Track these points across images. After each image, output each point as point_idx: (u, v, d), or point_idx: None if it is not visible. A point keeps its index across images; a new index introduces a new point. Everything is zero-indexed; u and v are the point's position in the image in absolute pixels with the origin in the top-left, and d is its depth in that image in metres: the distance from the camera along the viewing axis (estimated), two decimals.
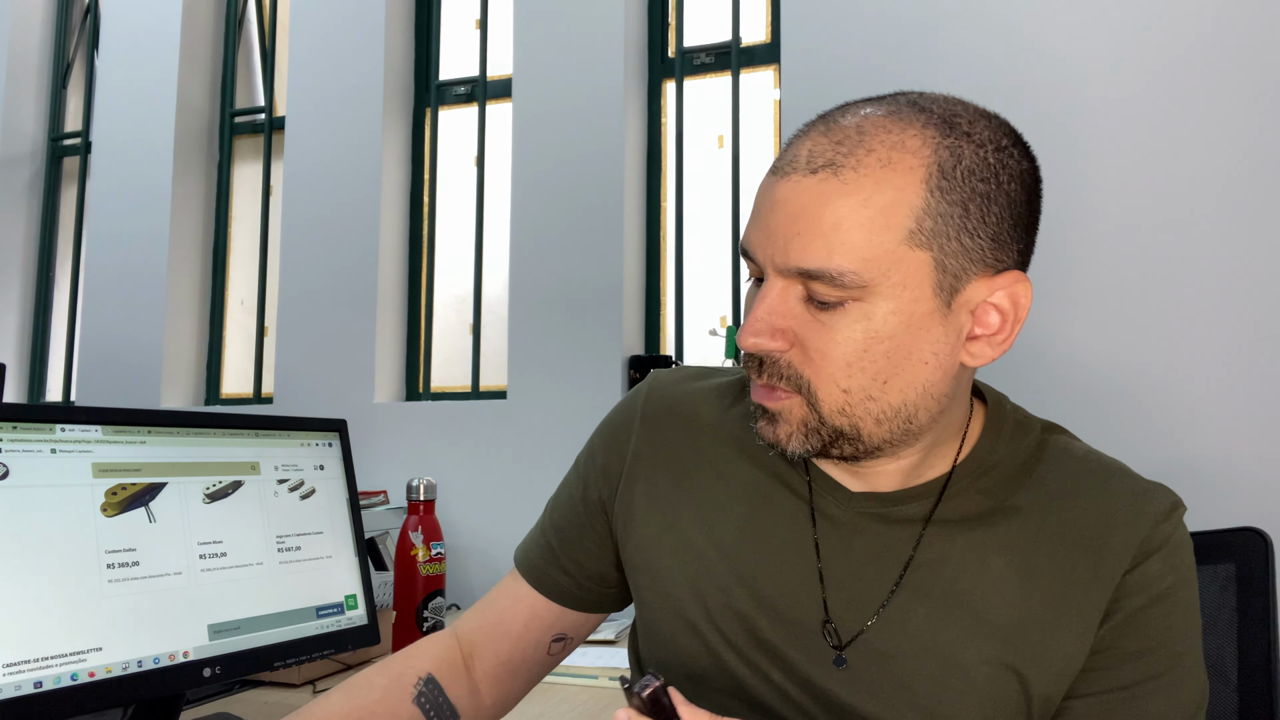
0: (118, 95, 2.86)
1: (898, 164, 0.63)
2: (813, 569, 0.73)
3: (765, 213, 0.66)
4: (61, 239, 3.11)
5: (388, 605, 1.72)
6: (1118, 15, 1.92)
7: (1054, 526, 0.71)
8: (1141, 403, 1.83)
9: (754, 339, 0.65)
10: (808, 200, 0.64)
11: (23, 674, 0.86)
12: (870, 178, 0.63)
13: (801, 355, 0.66)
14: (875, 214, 0.63)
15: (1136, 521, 0.70)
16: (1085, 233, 1.90)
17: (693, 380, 0.87)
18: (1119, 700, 0.68)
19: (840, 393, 0.66)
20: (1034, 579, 0.69)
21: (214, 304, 2.85)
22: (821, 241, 0.63)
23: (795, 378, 0.67)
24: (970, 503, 0.72)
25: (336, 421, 1.25)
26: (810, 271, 0.63)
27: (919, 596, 0.70)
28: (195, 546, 1.03)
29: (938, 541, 0.71)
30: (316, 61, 2.63)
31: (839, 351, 0.65)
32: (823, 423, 0.67)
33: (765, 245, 0.66)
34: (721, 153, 2.40)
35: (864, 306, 0.64)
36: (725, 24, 2.41)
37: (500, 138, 2.58)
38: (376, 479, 2.37)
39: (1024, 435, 0.76)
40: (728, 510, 0.78)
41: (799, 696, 0.72)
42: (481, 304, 2.56)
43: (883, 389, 0.66)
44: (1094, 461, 0.75)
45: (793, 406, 0.68)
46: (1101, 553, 0.69)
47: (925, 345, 0.66)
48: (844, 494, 0.74)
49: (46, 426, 0.94)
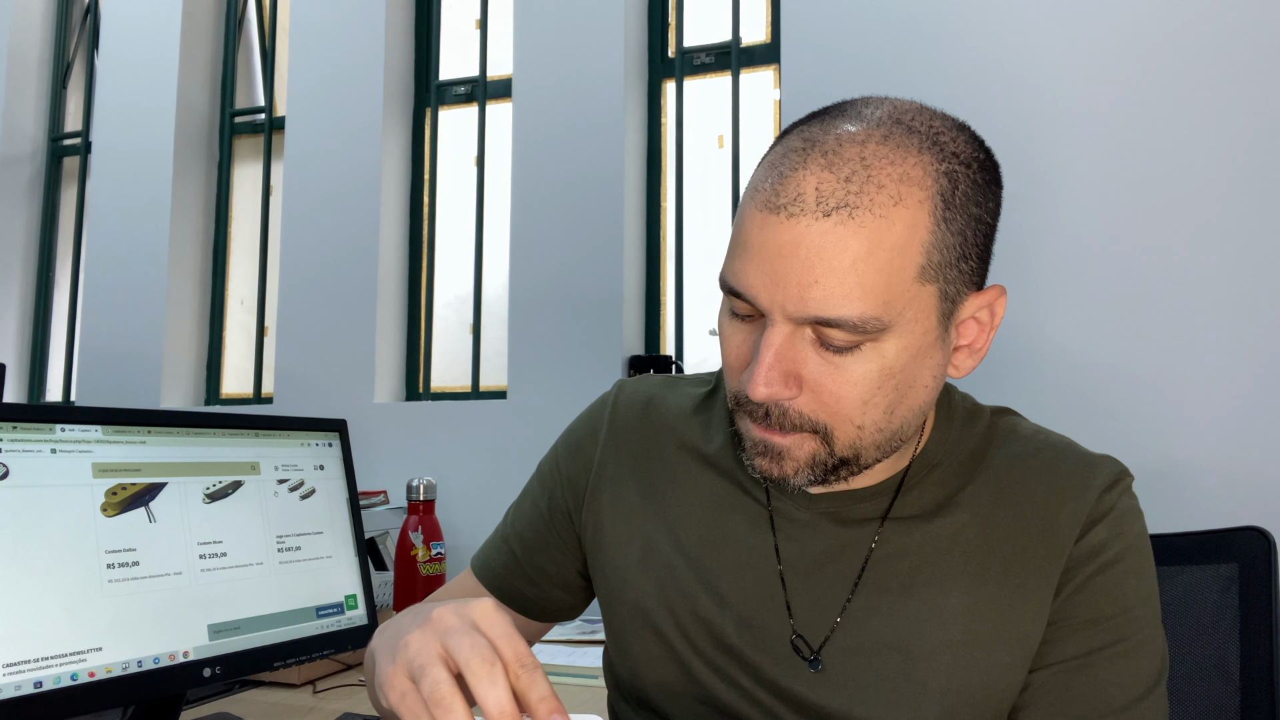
0: (118, 95, 2.86)
1: (907, 199, 0.61)
2: (774, 572, 0.74)
3: (770, 256, 0.62)
4: (61, 239, 3.11)
5: (388, 605, 1.72)
6: (1117, 14, 1.92)
7: (1005, 510, 0.71)
8: (1142, 402, 1.83)
9: (767, 389, 0.63)
10: (823, 246, 0.60)
11: (23, 674, 0.86)
12: (885, 218, 0.61)
13: (813, 399, 0.64)
14: (891, 255, 0.61)
15: (1083, 494, 0.71)
16: (1085, 229, 1.90)
17: (659, 389, 0.87)
18: (1076, 669, 0.68)
19: (855, 429, 0.65)
20: (988, 564, 0.70)
21: (214, 304, 2.85)
22: (841, 290, 0.60)
23: (809, 423, 0.65)
24: (926, 496, 0.73)
25: (336, 421, 1.25)
26: (830, 320, 0.61)
27: (879, 592, 0.71)
28: (195, 546, 1.03)
29: (895, 537, 0.72)
30: (316, 61, 2.63)
31: (854, 393, 0.63)
32: (831, 455, 0.66)
33: (771, 291, 0.62)
34: (721, 153, 2.40)
35: (878, 346, 0.63)
36: (725, 24, 2.41)
37: (500, 138, 2.58)
38: (376, 479, 2.37)
39: (974, 423, 0.76)
40: (692, 518, 0.78)
41: (767, 700, 0.73)
42: (481, 304, 2.56)
43: (889, 419, 0.66)
44: (1041, 441, 0.75)
45: (801, 442, 0.66)
46: (1051, 529, 0.70)
47: (927, 371, 0.66)
48: (804, 497, 0.75)
49: (46, 426, 0.94)
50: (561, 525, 0.86)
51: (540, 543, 0.87)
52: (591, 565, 0.84)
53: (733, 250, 0.66)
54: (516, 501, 0.91)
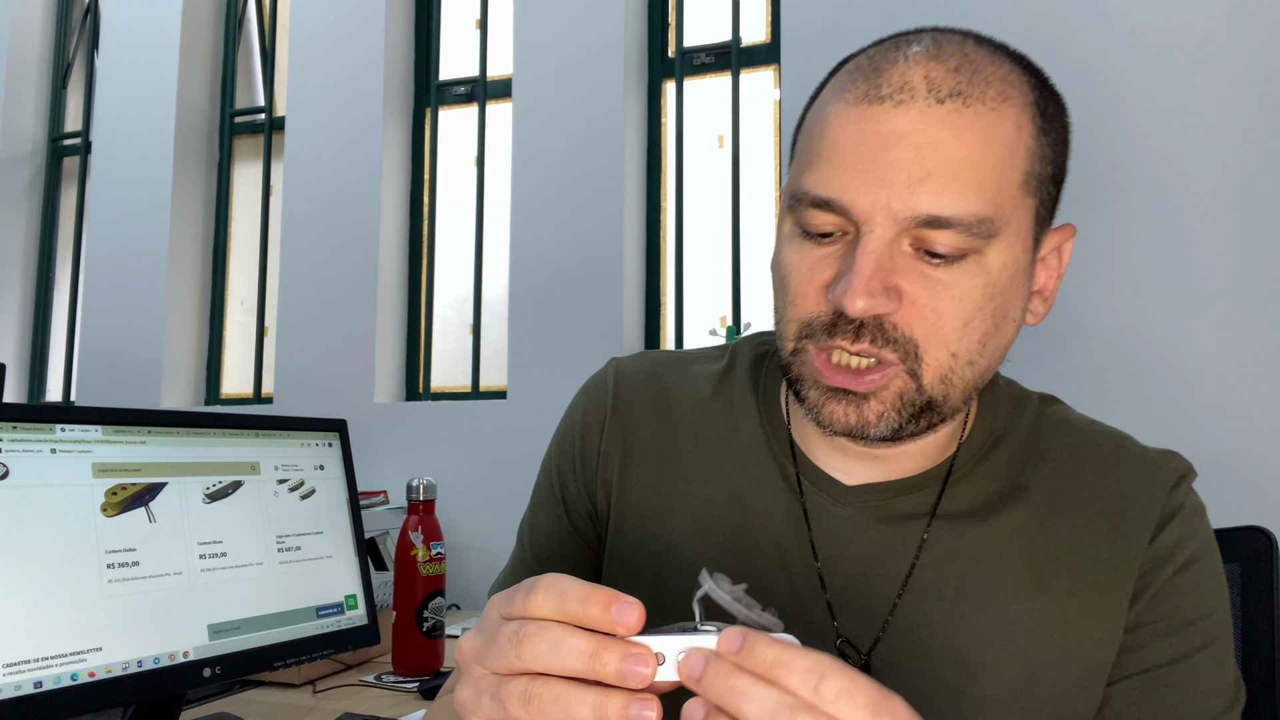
0: (118, 95, 2.86)
1: (1013, 100, 0.57)
2: (812, 572, 0.66)
3: (873, 150, 0.56)
4: (61, 239, 3.11)
5: (388, 605, 1.72)
6: (1118, 18, 1.92)
7: (1067, 507, 0.65)
8: (1143, 400, 1.83)
9: (868, 300, 0.55)
10: (938, 135, 0.55)
11: (23, 674, 0.86)
12: (995, 113, 0.56)
13: (912, 314, 0.57)
14: (1003, 152, 0.56)
15: (1151, 491, 0.65)
16: (1096, 221, 1.90)
17: (666, 369, 0.77)
18: (1163, 678, 0.62)
19: (948, 357, 0.58)
20: (1051, 567, 0.64)
21: (214, 304, 2.85)
22: (956, 184, 0.54)
23: (904, 341, 0.57)
24: (977, 488, 0.66)
25: (336, 421, 1.25)
26: (941, 219, 0.55)
27: (930, 598, 0.64)
28: (195, 546, 1.03)
29: (945, 536, 0.65)
30: (316, 61, 2.63)
31: (957, 310, 0.57)
32: (919, 393, 0.59)
33: (875, 189, 0.55)
34: (721, 153, 2.40)
35: (981, 260, 0.57)
36: (725, 24, 2.41)
37: (500, 138, 2.58)
38: (376, 479, 2.37)
39: (1022, 409, 0.70)
40: (714, 519, 0.70)
41: None
42: (481, 304, 2.56)
43: (981, 353, 0.59)
44: (1097, 432, 0.69)
45: (888, 379, 0.58)
46: (1119, 528, 0.64)
47: (1018, 302, 0.60)
48: (839, 490, 0.67)
49: (46, 426, 0.94)
50: (585, 529, 0.76)
51: (564, 554, 0.77)
52: (606, 570, 0.76)
53: (811, 158, 0.59)
54: (529, 519, 0.80)
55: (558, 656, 0.40)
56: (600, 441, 0.75)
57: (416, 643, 1.42)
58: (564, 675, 0.40)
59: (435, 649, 1.44)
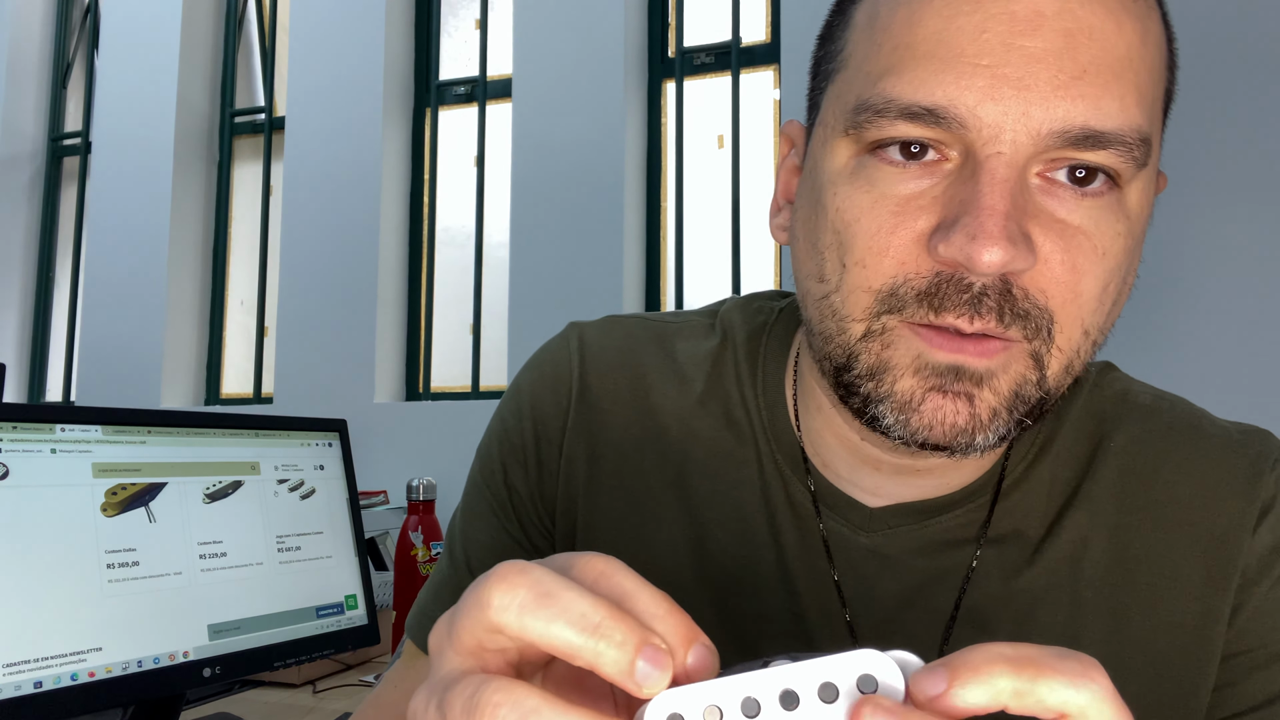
0: (118, 95, 2.86)
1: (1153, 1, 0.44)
2: (839, 621, 0.53)
3: (1002, 36, 0.40)
4: (61, 239, 3.11)
5: (388, 605, 1.72)
6: None
7: (1141, 514, 0.52)
8: None
9: (1007, 248, 0.39)
10: (1094, 17, 0.40)
11: (23, 674, 0.86)
12: (1148, 6, 0.43)
13: (1045, 275, 0.41)
14: (1156, 55, 0.43)
15: (1245, 485, 0.51)
16: None
17: (643, 347, 0.59)
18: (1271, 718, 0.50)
19: (1080, 336, 0.43)
20: (1128, 593, 0.51)
21: (214, 304, 2.85)
22: (1118, 85, 0.40)
23: (1037, 315, 0.42)
24: (1032, 501, 0.52)
25: (336, 421, 1.25)
26: (1101, 134, 0.40)
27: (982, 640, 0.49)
28: (195, 546, 1.03)
29: (997, 564, 0.52)
30: (316, 61, 2.63)
31: (1099, 269, 0.42)
32: (1039, 386, 0.43)
33: (1005, 92, 0.40)
34: (721, 153, 2.40)
35: (1122, 199, 0.42)
36: (725, 24, 2.41)
37: (500, 138, 2.58)
38: (376, 479, 2.37)
39: (1078, 385, 0.53)
40: (711, 550, 0.55)
41: None
42: (481, 304, 2.56)
43: (1105, 328, 0.45)
44: (1166, 412, 0.55)
45: (1009, 361, 0.42)
46: (1211, 538, 0.51)
47: (1137, 259, 0.46)
48: (862, 513, 0.53)
49: (46, 426, 0.94)
50: (539, 540, 0.60)
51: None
52: None
53: (895, 55, 0.42)
54: (459, 522, 0.62)
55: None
56: (562, 438, 0.58)
57: None
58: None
59: None
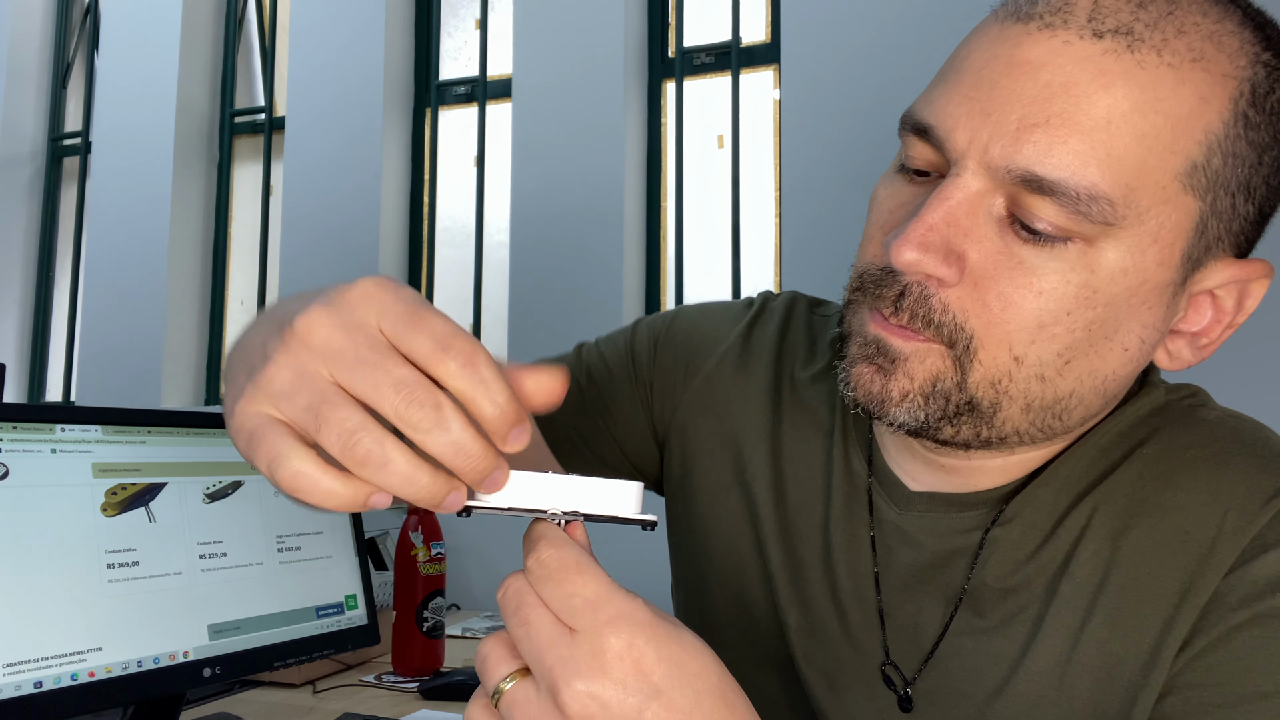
0: (118, 95, 2.86)
1: (1211, 63, 0.44)
2: (871, 606, 0.57)
3: (993, 75, 0.44)
4: (61, 239, 3.11)
5: (388, 605, 1.72)
6: None
7: (1144, 517, 0.50)
8: None
9: (918, 253, 0.44)
10: (1079, 73, 0.43)
11: (23, 674, 0.86)
12: (1173, 71, 0.43)
13: (972, 296, 0.45)
14: (1164, 125, 0.43)
15: (1258, 508, 0.48)
16: None
17: (802, 321, 0.67)
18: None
19: (1008, 360, 0.46)
20: (1104, 590, 0.50)
21: (214, 304, 2.85)
22: (1081, 141, 0.42)
23: (951, 328, 0.46)
24: (1043, 498, 0.53)
25: None
26: (1045, 182, 0.42)
27: (975, 625, 0.54)
28: (195, 546, 1.03)
29: (1000, 550, 0.53)
30: (316, 61, 2.63)
31: (1033, 306, 0.44)
32: (960, 389, 0.47)
33: (977, 122, 0.44)
34: (721, 153, 2.40)
35: (1090, 253, 0.44)
36: (725, 24, 2.41)
37: (500, 138, 2.58)
38: None
39: (1136, 400, 0.54)
40: (786, 514, 0.61)
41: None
42: (481, 304, 2.56)
43: (1060, 371, 0.46)
44: (1216, 424, 0.53)
45: (925, 353, 0.47)
46: (1200, 546, 0.48)
47: (1136, 327, 0.46)
48: (900, 493, 0.56)
49: (46, 426, 0.94)
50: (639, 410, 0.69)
51: (610, 402, 0.70)
52: (669, 491, 0.68)
53: (936, 79, 0.48)
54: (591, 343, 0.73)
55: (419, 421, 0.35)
56: (685, 384, 0.67)
57: (416, 643, 1.42)
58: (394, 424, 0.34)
59: (435, 649, 1.44)
